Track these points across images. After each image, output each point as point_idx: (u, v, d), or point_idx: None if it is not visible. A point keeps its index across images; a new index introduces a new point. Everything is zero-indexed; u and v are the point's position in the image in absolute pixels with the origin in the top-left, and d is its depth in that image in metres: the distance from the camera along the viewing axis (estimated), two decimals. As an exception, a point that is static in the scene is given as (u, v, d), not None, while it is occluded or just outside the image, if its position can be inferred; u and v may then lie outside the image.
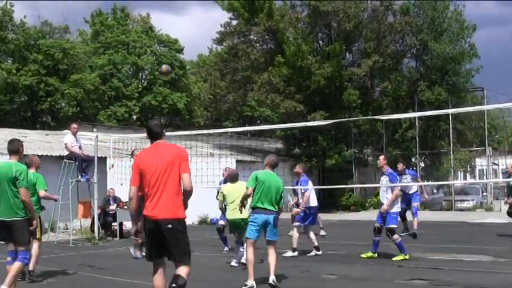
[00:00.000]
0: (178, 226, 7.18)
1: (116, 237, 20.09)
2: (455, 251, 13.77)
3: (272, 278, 10.23)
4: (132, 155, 16.20)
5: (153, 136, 7.58)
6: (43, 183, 11.63)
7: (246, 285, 10.06)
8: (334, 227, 21.21)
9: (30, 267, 11.02)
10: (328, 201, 31.61)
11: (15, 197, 9.24)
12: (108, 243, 18.88)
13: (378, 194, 35.09)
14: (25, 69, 43.46)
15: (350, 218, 29.07)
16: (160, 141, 7.57)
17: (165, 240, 7.16)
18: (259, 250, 10.75)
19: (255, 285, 10.06)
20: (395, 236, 13.19)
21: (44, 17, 66.75)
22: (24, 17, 47.10)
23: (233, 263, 12.81)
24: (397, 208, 13.39)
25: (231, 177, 13.86)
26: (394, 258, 13.12)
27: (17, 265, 9.25)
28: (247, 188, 10.89)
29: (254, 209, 10.66)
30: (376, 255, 13.63)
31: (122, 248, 16.18)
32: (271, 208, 10.51)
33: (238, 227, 12.77)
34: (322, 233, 19.44)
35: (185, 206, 7.33)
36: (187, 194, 7.30)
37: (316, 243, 14.74)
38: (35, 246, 11.11)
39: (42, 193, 11.49)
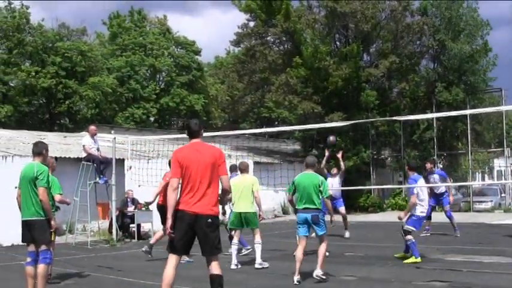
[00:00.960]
0: (216, 222, 7.70)
1: (134, 238, 20.15)
2: (473, 252, 13.71)
3: (316, 272, 11.11)
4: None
5: (191, 134, 8.00)
6: (58, 186, 11.67)
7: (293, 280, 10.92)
8: (352, 228, 21.13)
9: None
10: (346, 203, 31.53)
11: (36, 197, 9.48)
12: (126, 244, 18.94)
13: (395, 195, 35.10)
14: (43, 71, 43.71)
15: (368, 219, 28.98)
16: (198, 140, 7.98)
17: (199, 235, 7.61)
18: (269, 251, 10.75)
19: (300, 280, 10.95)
20: (409, 237, 13.12)
21: (61, 19, 66.76)
22: (42, 20, 47.50)
23: (233, 266, 12.85)
24: (421, 212, 13.31)
25: (240, 168, 14.08)
26: (405, 261, 13.06)
27: (41, 268, 9.43)
28: (288, 193, 12.04)
29: (297, 210, 11.50)
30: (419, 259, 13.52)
31: (140, 250, 16.22)
32: (311, 206, 11.19)
33: (248, 221, 13.28)
34: (347, 235, 19.53)
35: (222, 204, 8.24)
36: (227, 193, 8.09)
37: None
38: None
39: (57, 197, 11.50)
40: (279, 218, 30.86)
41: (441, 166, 37.39)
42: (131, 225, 20.74)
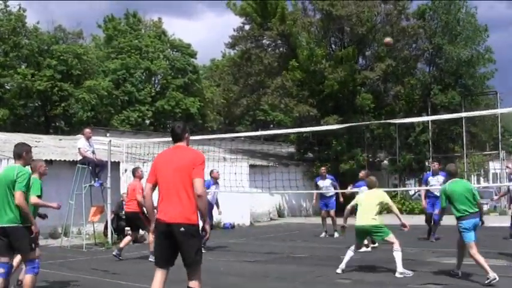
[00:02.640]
0: (190, 230, 7.10)
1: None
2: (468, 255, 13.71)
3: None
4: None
5: (173, 137, 7.62)
6: (37, 188, 10.46)
7: (488, 278, 10.63)
8: (347, 231, 21.13)
9: (20, 276, 10.18)
10: (342, 206, 31.56)
11: (14, 201, 8.81)
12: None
13: (391, 198, 35.06)
14: (39, 74, 43.70)
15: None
16: (181, 143, 7.58)
17: (176, 245, 7.13)
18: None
19: (497, 277, 10.57)
20: None
21: (57, 22, 66.72)
22: (37, 22, 47.47)
23: (339, 270, 12.54)
24: None
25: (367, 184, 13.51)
26: None
27: (27, 279, 8.99)
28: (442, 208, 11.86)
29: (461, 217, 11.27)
30: None
31: (135, 253, 16.20)
32: (473, 210, 11.25)
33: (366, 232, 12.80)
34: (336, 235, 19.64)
35: (201, 212, 7.24)
36: (199, 199, 7.14)
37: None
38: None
39: (33, 199, 10.15)
40: (274, 221, 30.83)
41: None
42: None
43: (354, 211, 12.70)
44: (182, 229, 7.01)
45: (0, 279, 8.86)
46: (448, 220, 13.42)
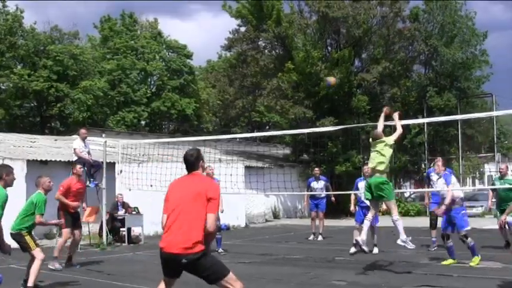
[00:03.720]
0: (195, 258, 6.60)
1: (124, 242, 20.09)
2: (464, 257, 13.70)
3: None
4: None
5: (187, 166, 7.18)
6: (41, 207, 11.09)
7: None
8: (343, 233, 21.13)
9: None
10: (337, 207, 31.53)
11: None
12: (116, 248, 18.88)
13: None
14: (35, 74, 43.68)
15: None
16: (197, 172, 7.14)
17: (186, 270, 6.75)
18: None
19: None
20: (469, 239, 13.12)
21: (53, 22, 66.74)
22: (34, 23, 47.48)
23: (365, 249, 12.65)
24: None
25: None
26: (443, 262, 13.14)
27: None
28: None
29: None
30: (455, 260, 13.51)
31: (130, 254, 16.18)
32: None
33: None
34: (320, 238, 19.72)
35: (206, 246, 6.77)
36: (210, 236, 6.79)
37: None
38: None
39: (37, 218, 11.00)
40: (269, 223, 30.86)
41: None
42: (121, 229, 20.69)
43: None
44: (184, 261, 6.55)
45: None
46: (441, 221, 13.46)
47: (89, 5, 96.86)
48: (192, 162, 7.14)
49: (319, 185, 20.75)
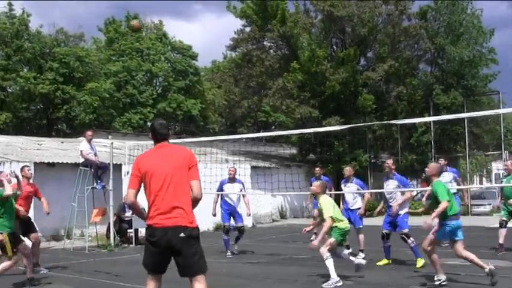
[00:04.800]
0: (193, 234, 6.51)
1: (132, 243, 20.12)
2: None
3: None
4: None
5: (157, 137, 6.95)
6: None
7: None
8: (350, 232, 21.11)
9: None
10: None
11: None
12: (123, 250, 18.92)
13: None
14: (42, 77, 43.77)
15: (366, 223, 28.90)
16: (165, 142, 6.95)
17: (173, 253, 6.51)
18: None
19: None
20: (411, 240, 13.11)
21: (58, 25, 66.92)
22: (41, 26, 47.58)
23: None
24: (406, 210, 13.44)
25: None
26: (417, 266, 13.03)
27: None
28: (447, 201, 10.48)
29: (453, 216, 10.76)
30: (390, 261, 13.61)
31: (138, 255, 16.18)
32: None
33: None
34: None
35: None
36: (196, 202, 6.68)
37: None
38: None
39: None
40: (276, 223, 30.85)
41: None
42: (129, 231, 20.71)
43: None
44: (182, 234, 6.39)
45: None
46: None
47: (89, 5, 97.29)
48: (164, 132, 6.97)
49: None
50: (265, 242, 20.57)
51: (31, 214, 13.96)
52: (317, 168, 20.69)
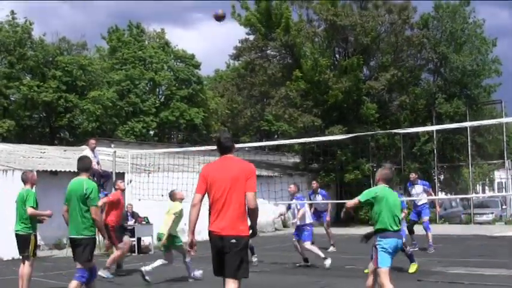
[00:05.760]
0: (240, 242, 7.16)
1: (134, 252, 20.10)
2: (475, 264, 13.65)
3: None
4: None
5: (222, 150, 7.59)
6: (32, 200, 11.04)
7: None
8: (353, 241, 21.08)
9: None
10: (347, 216, 31.59)
11: (83, 215, 9.34)
12: (126, 258, 18.87)
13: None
14: (45, 85, 43.85)
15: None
16: (230, 155, 7.57)
17: (224, 256, 7.11)
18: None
19: None
20: (408, 248, 13.20)
21: (61, 33, 67.09)
22: (44, 34, 47.69)
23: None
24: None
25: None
26: (410, 271, 13.04)
27: (72, 284, 9.31)
28: (358, 200, 9.22)
29: (382, 231, 8.97)
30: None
31: (140, 264, 16.16)
32: (398, 229, 9.05)
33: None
34: (331, 249, 19.59)
35: (253, 225, 7.45)
36: (252, 212, 7.39)
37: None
38: (26, 265, 10.92)
39: (29, 210, 10.89)
40: (279, 232, 30.82)
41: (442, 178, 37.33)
42: (131, 239, 20.69)
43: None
44: (233, 241, 7.06)
45: (75, 282, 9.35)
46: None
47: (91, 15, 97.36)
48: (228, 146, 7.59)
49: (318, 198, 20.78)
50: (268, 251, 20.55)
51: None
52: (314, 182, 20.76)
